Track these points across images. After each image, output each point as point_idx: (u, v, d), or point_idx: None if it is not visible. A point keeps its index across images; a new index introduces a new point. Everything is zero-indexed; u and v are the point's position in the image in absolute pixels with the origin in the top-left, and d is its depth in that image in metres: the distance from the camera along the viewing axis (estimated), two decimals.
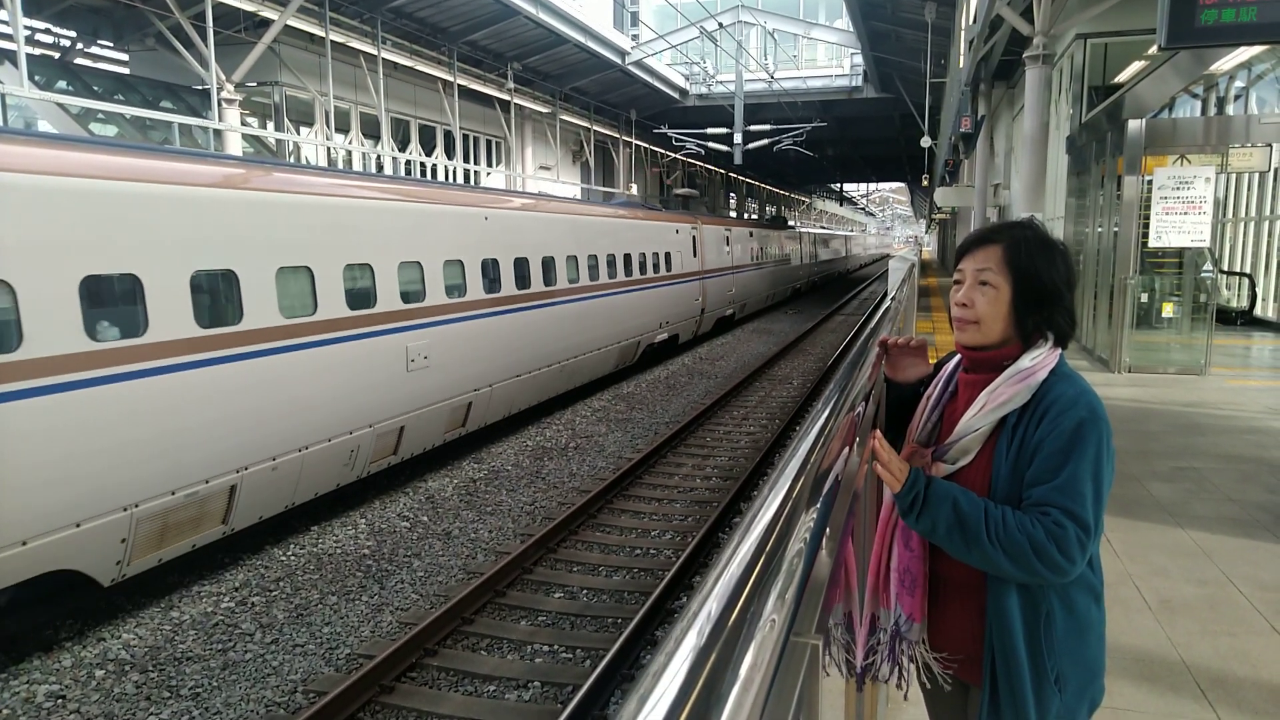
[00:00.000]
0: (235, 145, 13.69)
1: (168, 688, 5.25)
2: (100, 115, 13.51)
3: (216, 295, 6.60)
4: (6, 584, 5.25)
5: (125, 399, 5.76)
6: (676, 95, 29.26)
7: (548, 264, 12.03)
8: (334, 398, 7.70)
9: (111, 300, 5.80)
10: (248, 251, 6.83)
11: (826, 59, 31.03)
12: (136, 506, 5.89)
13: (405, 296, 8.76)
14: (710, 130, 27.12)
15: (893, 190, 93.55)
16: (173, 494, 6.16)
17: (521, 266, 11.25)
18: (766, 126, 26.97)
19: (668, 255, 17.31)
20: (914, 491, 1.65)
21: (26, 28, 14.26)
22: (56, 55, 14.95)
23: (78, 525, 5.52)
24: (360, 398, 8.01)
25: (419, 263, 9.04)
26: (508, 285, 10.86)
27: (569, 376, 12.86)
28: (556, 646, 5.73)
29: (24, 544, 5.23)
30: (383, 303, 8.38)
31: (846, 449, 1.46)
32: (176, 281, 6.19)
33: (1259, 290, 15.48)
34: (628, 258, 15.17)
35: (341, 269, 7.88)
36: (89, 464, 5.57)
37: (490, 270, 10.48)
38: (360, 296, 8.12)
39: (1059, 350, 1.78)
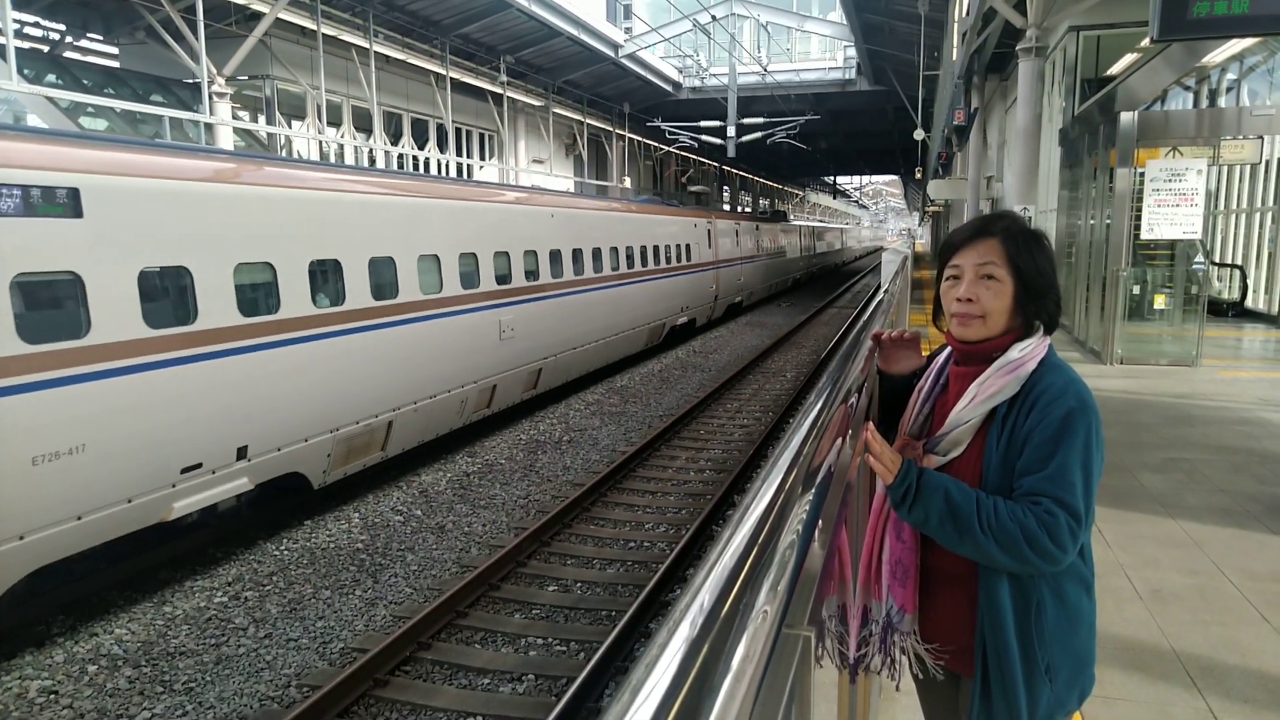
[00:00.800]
0: (226, 139, 13.62)
1: (161, 683, 5.24)
2: (90, 109, 13.43)
3: (382, 277, 8.64)
4: (264, 479, 7.20)
5: (337, 348, 7.94)
6: (670, 88, 29.20)
7: (596, 254, 14.04)
8: (454, 358, 9.81)
9: (325, 280, 7.90)
10: (404, 244, 8.97)
11: (820, 52, 31.00)
12: (336, 430, 7.93)
13: (498, 280, 10.80)
14: (703, 123, 27.08)
15: (886, 183, 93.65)
16: (356, 424, 8.20)
17: (578, 256, 13.28)
18: (760, 119, 26.93)
19: (688, 247, 19.11)
20: (906, 483, 1.65)
21: (15, 21, 14.17)
22: (46, 49, 14.85)
23: (305, 440, 7.56)
24: (469, 359, 10.14)
25: (506, 252, 11.06)
26: (568, 272, 12.87)
27: (610, 351, 14.81)
28: (550, 639, 5.74)
29: (279, 449, 7.30)
30: (484, 284, 10.45)
31: (839, 441, 1.46)
32: (362, 266, 8.34)
33: (1250, 282, 15.54)
34: (656, 249, 17.07)
35: (457, 256, 9.90)
36: (315, 397, 7.65)
37: (556, 259, 12.50)
38: (469, 279, 10.15)
39: (1048, 340, 1.79)
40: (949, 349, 1.91)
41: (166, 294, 6.33)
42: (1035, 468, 1.65)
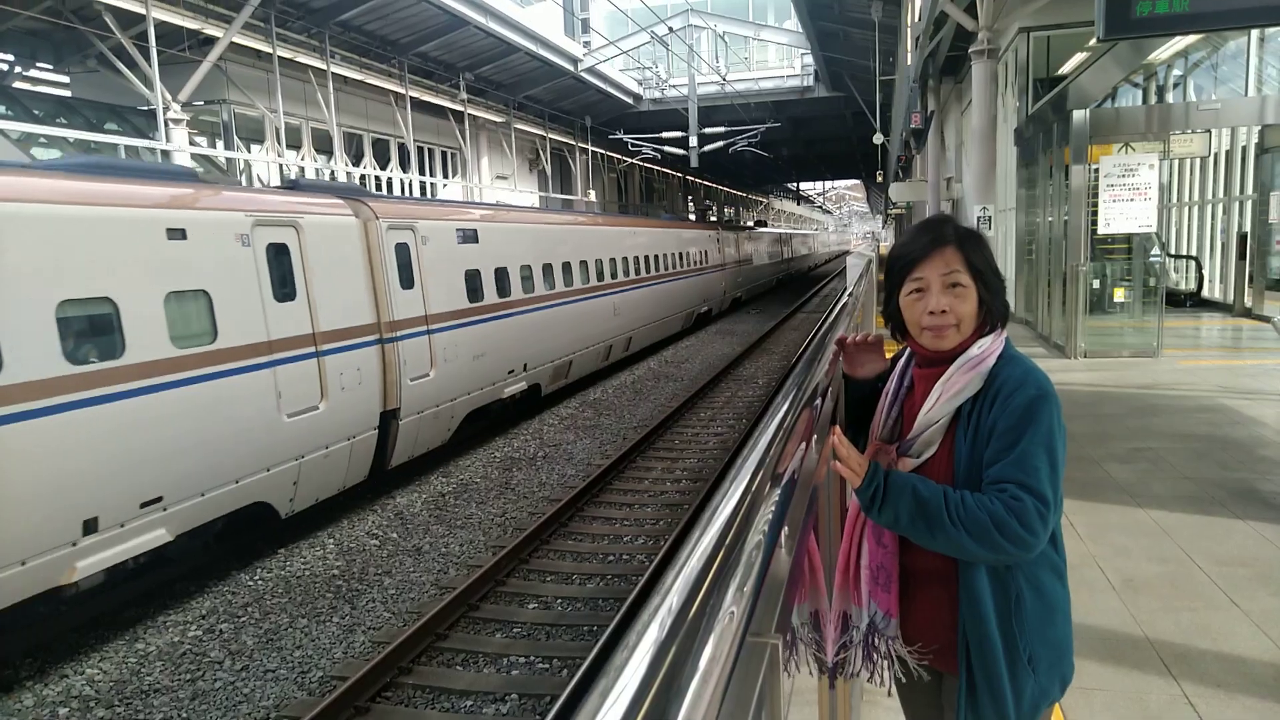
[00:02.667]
0: (184, 165, 13.45)
1: None
2: (42, 139, 13.22)
3: (530, 274, 12.55)
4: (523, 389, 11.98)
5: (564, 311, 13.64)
6: (630, 100, 29.32)
7: (662, 259, 19.83)
8: (596, 325, 15.28)
9: (478, 283, 11.04)
10: (551, 254, 13.48)
11: (777, 60, 31.29)
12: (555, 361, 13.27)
13: (606, 276, 16.08)
14: (665, 134, 27.21)
15: (849, 187, 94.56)
16: (578, 351, 14.14)
17: (646, 261, 18.70)
18: (721, 129, 27.12)
19: (705, 253, 24.49)
20: (874, 485, 1.67)
21: None
22: None
23: (468, 393, 10.76)
24: (606, 325, 15.62)
25: (614, 259, 16.58)
26: (641, 271, 18.19)
27: (667, 327, 20.51)
28: (532, 657, 5.70)
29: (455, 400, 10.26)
30: (605, 280, 15.85)
31: (804, 444, 1.47)
32: (509, 267, 11.84)
33: (1205, 272, 15.89)
34: (692, 255, 22.91)
35: (592, 260, 15.30)
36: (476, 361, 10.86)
37: (636, 263, 17.97)
38: (599, 275, 15.56)
39: (1004, 334, 1.82)
40: (909, 351, 1.93)
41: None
42: (1000, 456, 1.67)
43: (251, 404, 7.12)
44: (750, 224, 38.03)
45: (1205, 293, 15.51)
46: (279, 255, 7.65)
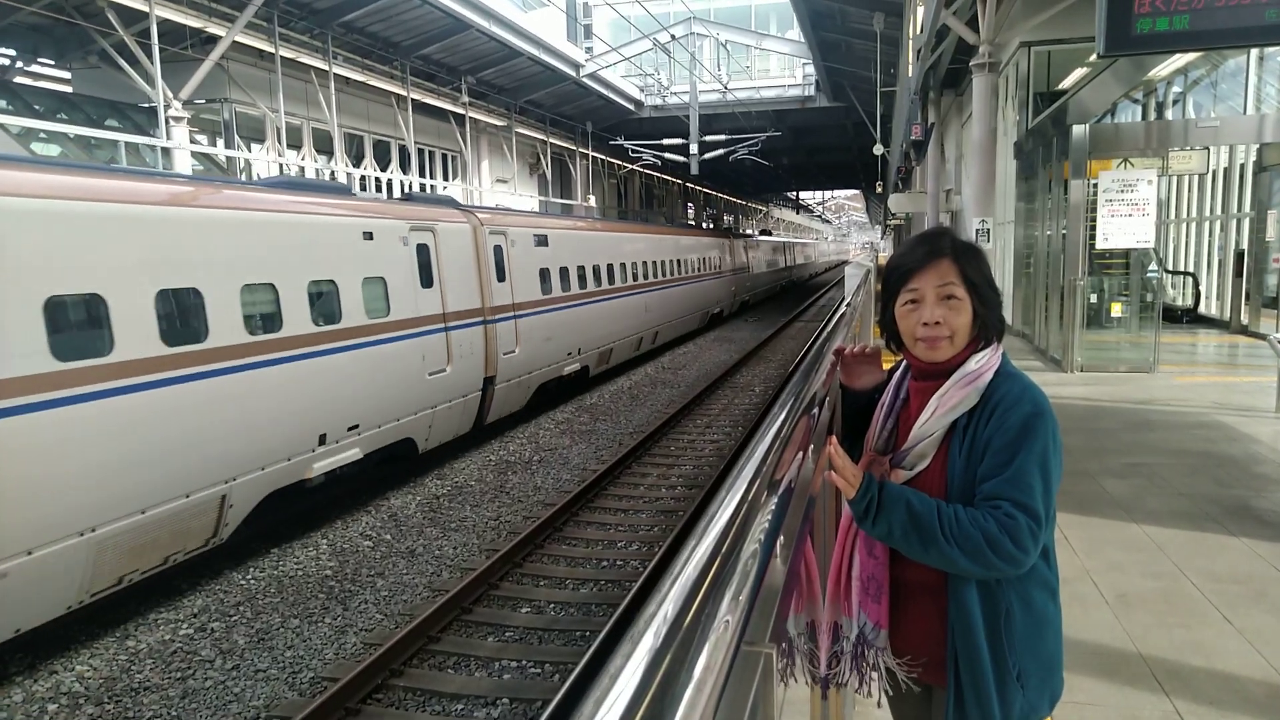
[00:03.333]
0: (184, 163, 13.45)
1: (125, 719, 5.11)
2: (42, 135, 13.21)
3: (584, 273, 14.91)
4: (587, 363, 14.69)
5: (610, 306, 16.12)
6: (632, 107, 29.37)
7: (681, 264, 22.00)
8: (630, 319, 17.36)
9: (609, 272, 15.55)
10: (599, 257, 15.84)
11: (779, 69, 31.40)
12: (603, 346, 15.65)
13: (640, 277, 18.36)
14: (666, 141, 27.26)
15: (848, 197, 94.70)
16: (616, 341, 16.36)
17: (672, 265, 21.03)
18: (722, 137, 27.17)
19: (719, 259, 26.90)
20: (868, 497, 1.67)
21: None
22: None
23: (540, 368, 12.90)
24: (636, 320, 17.82)
25: (651, 262, 19.10)
26: (668, 274, 20.54)
27: (687, 324, 22.78)
28: (524, 662, 5.69)
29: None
30: (638, 279, 18.14)
31: (801, 454, 1.47)
32: (569, 267, 14.24)
33: (1202, 289, 15.93)
34: (706, 260, 24.98)
35: (630, 264, 17.62)
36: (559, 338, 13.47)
37: (664, 267, 20.24)
38: (635, 276, 17.77)
39: (1001, 349, 1.83)
40: (905, 364, 1.94)
41: None
42: (995, 472, 1.67)
43: (407, 363, 9.33)
44: (757, 234, 40.52)
45: (1202, 309, 15.55)
46: (422, 252, 9.84)
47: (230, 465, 6.90)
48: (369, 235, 8.91)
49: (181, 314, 6.54)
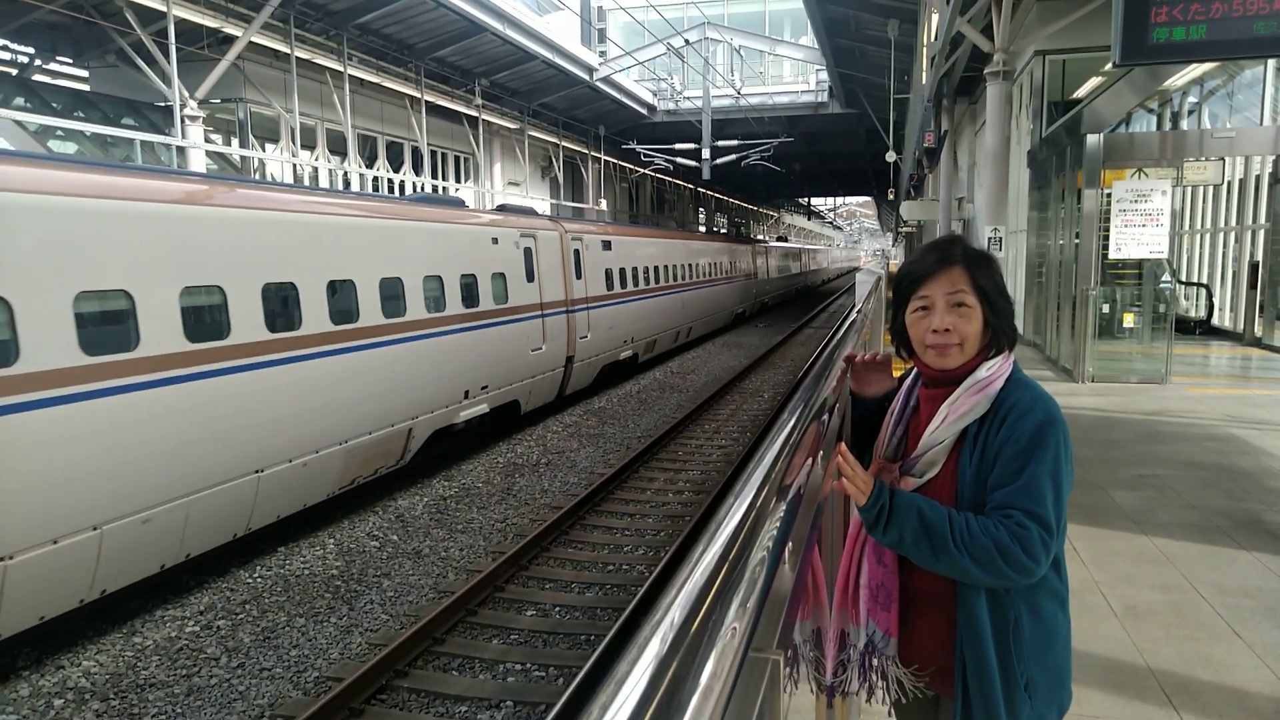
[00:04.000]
0: (199, 162, 13.53)
1: (130, 716, 5.13)
2: (59, 132, 13.31)
3: (637, 274, 17.35)
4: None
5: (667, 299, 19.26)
6: (644, 111, 29.39)
7: (712, 267, 24.57)
8: (670, 315, 19.48)
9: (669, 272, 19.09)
10: (649, 260, 18.26)
11: (792, 75, 31.35)
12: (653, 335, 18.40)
13: (680, 279, 20.75)
14: (678, 146, 27.27)
15: (859, 204, 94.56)
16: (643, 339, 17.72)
17: (705, 268, 23.52)
18: (734, 142, 27.18)
19: (743, 264, 29.53)
20: (879, 504, 1.66)
21: None
22: (14, 72, 14.71)
23: (604, 352, 15.38)
24: (675, 315, 20.08)
25: (689, 265, 21.61)
26: (701, 277, 22.96)
27: (711, 323, 24.76)
28: (529, 665, 5.68)
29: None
30: (674, 281, 20.07)
31: (810, 461, 1.47)
32: (627, 269, 16.72)
33: (1216, 300, 15.83)
34: (733, 264, 27.74)
35: (672, 266, 20.01)
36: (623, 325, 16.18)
37: (698, 270, 22.70)
38: (675, 278, 20.05)
39: (1011, 357, 1.82)
40: (915, 371, 1.93)
41: None
42: (1006, 481, 1.67)
43: (518, 341, 11.93)
44: (775, 241, 42.33)
45: (1215, 321, 15.46)
46: (527, 255, 12.38)
47: (412, 409, 9.34)
48: (495, 240, 11.57)
49: (393, 298, 9.13)
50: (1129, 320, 10.94)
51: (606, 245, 15.83)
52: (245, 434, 7.02)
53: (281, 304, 7.60)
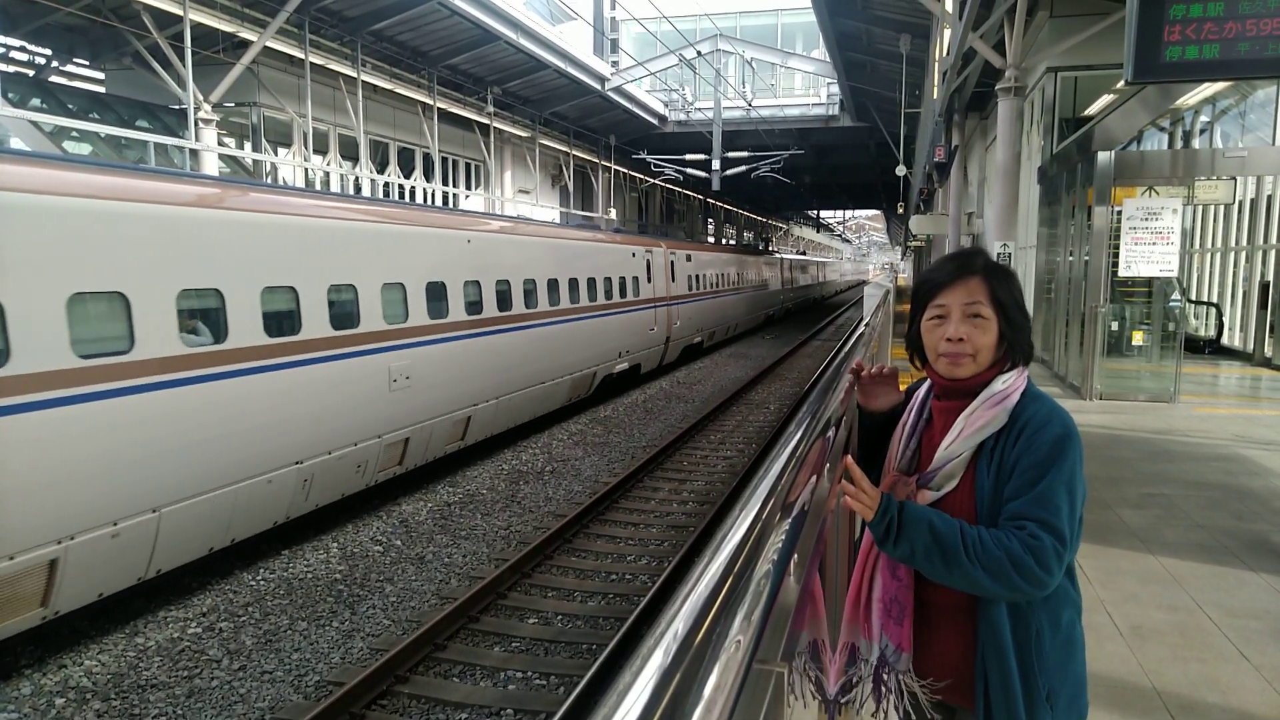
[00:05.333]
0: (212, 165, 13.60)
1: (131, 716, 5.13)
2: (74, 134, 13.40)
3: (705, 279, 22.78)
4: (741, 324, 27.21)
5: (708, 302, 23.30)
6: (655, 121, 29.46)
7: (751, 276, 29.27)
8: (714, 314, 23.74)
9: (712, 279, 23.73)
10: (711, 269, 23.81)
11: (803, 88, 31.40)
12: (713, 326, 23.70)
13: (731, 284, 25.95)
14: (689, 156, 27.31)
15: (869, 218, 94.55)
16: (695, 333, 22.17)
17: (746, 278, 28.28)
18: (744, 153, 27.19)
19: (771, 275, 34.13)
20: (887, 518, 1.65)
21: (1, 45, 14.16)
22: (31, 73, 14.83)
23: (686, 336, 21.26)
24: (721, 314, 24.64)
25: (737, 274, 26.85)
26: (743, 284, 27.72)
27: (749, 322, 29.30)
28: (530, 673, 5.67)
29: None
30: (729, 287, 25.53)
31: (816, 475, 1.46)
32: (700, 275, 22.45)
33: (1226, 320, 15.77)
34: (768, 275, 32.98)
35: (726, 274, 25.53)
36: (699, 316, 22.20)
37: (742, 279, 27.33)
38: (727, 284, 25.32)
39: (1026, 372, 1.82)
40: (928, 383, 1.92)
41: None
42: (1020, 492, 1.67)
43: (643, 323, 17.29)
44: (795, 255, 47.42)
45: (1225, 340, 15.39)
46: (646, 264, 17.84)
47: (595, 361, 14.72)
48: (634, 255, 17.21)
49: (576, 291, 13.86)
50: (1138, 338, 10.89)
51: (689, 258, 21.39)
52: (523, 368, 11.91)
53: (527, 293, 12.15)
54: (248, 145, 16.62)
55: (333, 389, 7.90)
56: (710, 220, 48.99)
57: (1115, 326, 10.72)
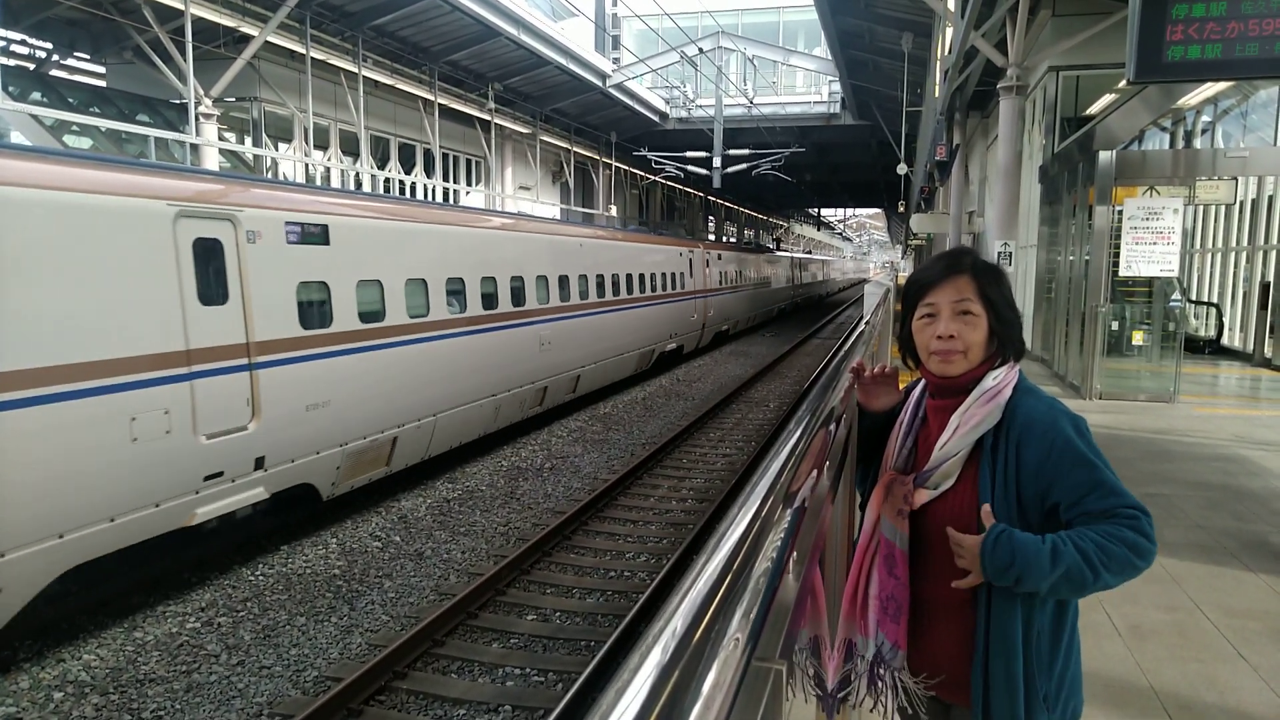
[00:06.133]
0: (212, 160, 13.59)
1: (129, 710, 5.14)
2: (75, 127, 13.39)
3: (743, 276, 28.10)
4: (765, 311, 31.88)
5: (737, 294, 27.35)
6: (656, 119, 29.44)
7: (776, 273, 34.54)
8: (752, 304, 29.53)
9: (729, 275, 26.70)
10: (745, 266, 28.60)
11: (805, 86, 31.39)
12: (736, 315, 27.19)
13: (753, 280, 29.84)
14: (690, 154, 27.31)
15: (869, 216, 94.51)
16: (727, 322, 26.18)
17: (767, 274, 32.46)
18: (745, 151, 27.18)
19: (787, 273, 37.87)
20: (1011, 574, 1.65)
21: (2, 39, 14.14)
22: (32, 67, 14.81)
23: (730, 317, 26.61)
24: (753, 305, 29.78)
25: (758, 271, 30.58)
26: (764, 280, 31.63)
27: (770, 312, 33.23)
28: (528, 669, 5.67)
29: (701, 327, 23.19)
30: (750, 281, 29.50)
31: (816, 471, 1.46)
32: (733, 271, 27.01)
33: (1226, 320, 15.77)
34: (781, 273, 36.16)
35: (755, 272, 30.93)
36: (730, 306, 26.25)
37: (764, 275, 31.66)
38: (754, 280, 30.23)
39: (1017, 367, 1.84)
40: (923, 382, 1.93)
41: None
42: (1083, 491, 1.70)
43: (687, 311, 20.68)
44: (803, 255, 50.40)
45: (1225, 341, 15.39)
46: (690, 262, 21.16)
47: (653, 340, 17.80)
48: (680, 254, 20.42)
49: (644, 284, 17.44)
50: (1138, 338, 10.89)
51: (720, 258, 24.55)
52: (611, 341, 15.35)
53: (616, 284, 15.80)
54: (248, 140, 16.61)
55: (511, 348, 11.52)
56: (711, 218, 48.97)
57: (1115, 326, 10.73)
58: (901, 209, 36.20)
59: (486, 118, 22.36)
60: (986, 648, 1.72)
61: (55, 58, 15.09)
